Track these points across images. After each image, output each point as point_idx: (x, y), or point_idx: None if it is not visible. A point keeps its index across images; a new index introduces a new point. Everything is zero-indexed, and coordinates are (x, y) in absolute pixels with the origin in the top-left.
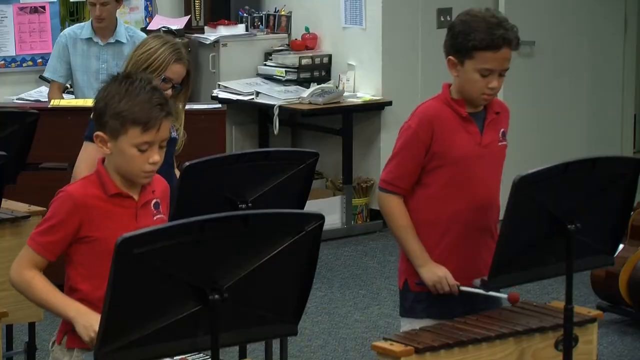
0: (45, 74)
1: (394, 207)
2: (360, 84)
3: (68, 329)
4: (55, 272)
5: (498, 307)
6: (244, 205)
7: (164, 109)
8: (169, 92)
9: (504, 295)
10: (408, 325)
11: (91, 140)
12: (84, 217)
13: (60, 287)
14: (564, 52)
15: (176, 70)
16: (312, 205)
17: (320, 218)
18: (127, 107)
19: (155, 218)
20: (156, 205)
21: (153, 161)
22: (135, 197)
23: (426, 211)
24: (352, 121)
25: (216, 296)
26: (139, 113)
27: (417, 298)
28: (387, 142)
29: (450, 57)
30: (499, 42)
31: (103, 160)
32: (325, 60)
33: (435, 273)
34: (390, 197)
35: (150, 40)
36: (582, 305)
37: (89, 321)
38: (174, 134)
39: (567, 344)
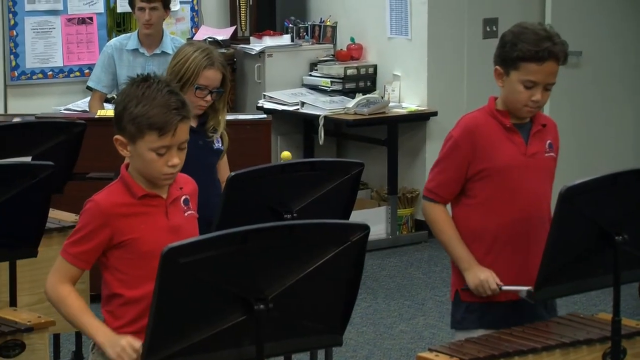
0: (89, 84)
1: (437, 214)
2: (405, 95)
3: None
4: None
5: (550, 319)
6: (289, 216)
7: (181, 112)
8: (209, 98)
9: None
10: (460, 336)
11: None
12: (114, 225)
13: (98, 296)
14: (610, 62)
15: (209, 76)
16: (357, 216)
17: (365, 228)
18: (144, 112)
19: (186, 214)
20: (186, 201)
21: (172, 164)
22: (163, 195)
23: (473, 222)
24: (397, 131)
25: (261, 306)
26: (155, 118)
27: (468, 309)
28: (433, 152)
29: (497, 67)
30: (544, 54)
31: (127, 166)
32: (371, 70)
33: (478, 276)
34: (433, 206)
35: (182, 49)
36: (630, 317)
37: (117, 347)
38: (218, 145)
39: (615, 357)
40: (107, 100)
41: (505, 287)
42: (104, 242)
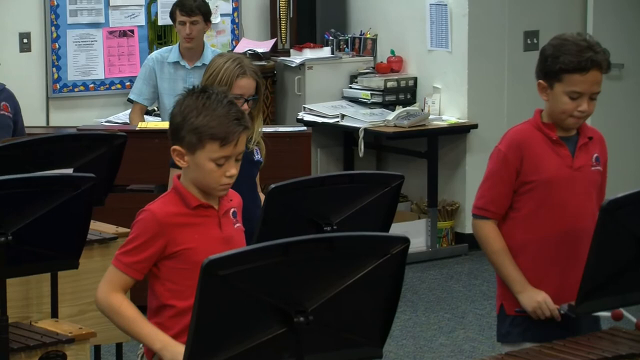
0: (130, 96)
1: (489, 232)
2: (445, 107)
3: None
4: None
5: (592, 332)
6: (328, 228)
7: (242, 123)
8: (245, 107)
9: (607, 314)
10: (505, 350)
11: (175, 166)
12: (168, 235)
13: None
14: None
15: (243, 85)
16: (397, 228)
17: (405, 241)
18: (205, 122)
19: (235, 226)
20: (234, 214)
21: (230, 174)
22: (216, 206)
23: (516, 235)
24: (437, 144)
25: (301, 319)
26: (217, 128)
27: (513, 322)
28: (473, 165)
29: (540, 81)
30: (587, 64)
31: (179, 176)
32: (411, 83)
33: (535, 299)
34: (484, 223)
35: (213, 61)
36: None
37: (177, 354)
38: (257, 157)
39: None
40: (148, 113)
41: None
42: (158, 251)
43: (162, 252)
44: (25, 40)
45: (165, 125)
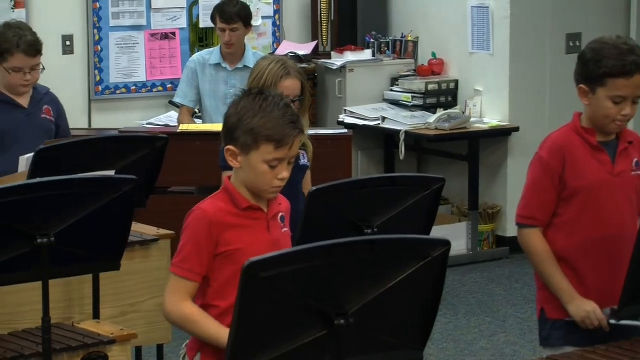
0: (176, 99)
1: (535, 241)
2: (487, 110)
3: (201, 346)
4: None
5: (636, 337)
6: (369, 231)
7: (297, 126)
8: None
9: None
10: (547, 354)
11: (226, 169)
12: (219, 232)
13: None
14: None
15: (287, 86)
16: (437, 231)
17: (446, 244)
18: (261, 124)
19: (283, 231)
20: (282, 218)
21: (282, 177)
22: (265, 209)
23: (558, 241)
24: (478, 147)
25: (342, 321)
26: (272, 130)
27: (554, 326)
28: (514, 168)
29: (581, 85)
30: (632, 68)
31: (229, 177)
32: (452, 85)
33: (583, 308)
34: (529, 232)
35: (258, 64)
36: None
37: None
38: (304, 161)
39: None
40: (193, 115)
41: (613, 321)
42: (212, 250)
43: (215, 250)
44: (68, 43)
45: (206, 127)
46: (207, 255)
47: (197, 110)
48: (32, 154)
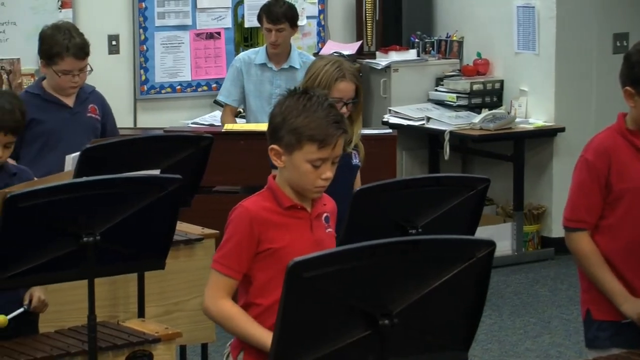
0: (219, 98)
1: (584, 245)
2: (532, 110)
3: (245, 345)
4: None
5: None
6: (414, 231)
7: (341, 126)
8: (344, 110)
9: None
10: (593, 355)
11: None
12: (261, 230)
13: None
14: None
15: (342, 88)
16: (482, 232)
17: (491, 244)
18: (305, 123)
19: (327, 231)
20: (327, 219)
21: (325, 177)
22: (309, 208)
23: (602, 243)
24: (523, 147)
25: (386, 321)
26: (316, 130)
27: (600, 327)
28: (560, 168)
29: (627, 87)
30: None
31: (273, 176)
32: (497, 85)
33: (639, 307)
34: (578, 236)
35: (313, 64)
36: None
37: None
38: (355, 162)
39: None
40: (238, 115)
41: None
42: (254, 248)
43: (257, 248)
44: (113, 43)
45: (250, 127)
46: (248, 253)
47: (241, 110)
48: (78, 153)
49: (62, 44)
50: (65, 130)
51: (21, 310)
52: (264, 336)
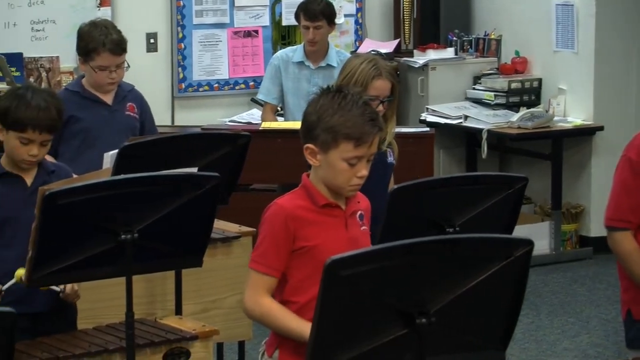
0: (259, 96)
1: (627, 244)
2: (570, 109)
3: (280, 342)
4: None
5: None
6: (451, 230)
7: (376, 124)
8: (380, 108)
9: None
10: (634, 355)
11: None
12: (297, 228)
13: None
14: None
15: (378, 86)
16: (520, 231)
17: (529, 243)
18: (341, 122)
19: (362, 229)
20: (361, 216)
21: (361, 175)
22: (343, 206)
23: None
24: (562, 146)
25: (423, 320)
26: (352, 128)
27: None
28: (599, 167)
29: None
30: None
31: (307, 175)
32: (535, 84)
33: None
34: (621, 235)
35: (349, 62)
36: None
37: None
38: (390, 159)
39: None
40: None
41: None
42: (290, 245)
43: (292, 245)
44: (152, 41)
45: (288, 125)
46: (285, 250)
47: (279, 108)
48: (116, 151)
49: (98, 40)
50: (104, 128)
51: (56, 290)
52: (305, 329)
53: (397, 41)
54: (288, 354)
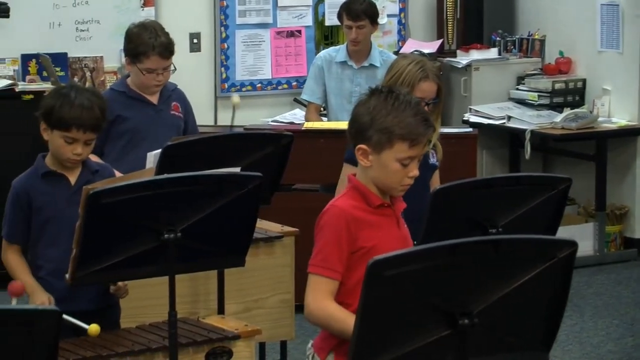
0: (303, 96)
1: None
2: (615, 109)
3: (334, 346)
4: None
5: None
6: (494, 230)
7: (429, 124)
8: (425, 109)
9: None
10: None
11: (351, 162)
12: (357, 229)
13: (300, 307)
14: None
15: (424, 89)
16: (563, 232)
17: (573, 245)
18: (395, 123)
19: (406, 226)
20: (402, 215)
21: (412, 175)
22: (392, 206)
23: None
24: (606, 147)
25: (466, 321)
26: (407, 129)
27: None
28: None
29: None
30: None
31: (354, 175)
32: (580, 84)
33: None
34: None
35: (396, 63)
36: None
37: None
38: (433, 161)
39: None
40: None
41: None
42: (351, 247)
43: (352, 247)
44: (195, 41)
45: (331, 125)
46: (346, 252)
47: (322, 108)
48: (159, 151)
49: (147, 43)
50: (150, 128)
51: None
52: None
53: (440, 41)
54: (343, 358)
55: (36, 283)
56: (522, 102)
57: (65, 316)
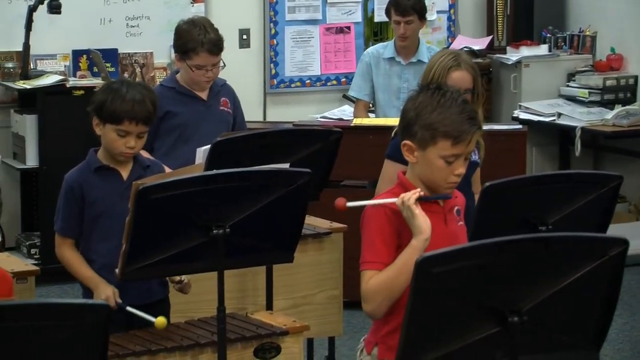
0: (351, 93)
1: None
2: None
3: (379, 339)
4: None
5: None
6: (544, 228)
7: (475, 122)
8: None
9: None
10: None
11: (392, 158)
12: (400, 225)
13: (349, 303)
14: None
15: (456, 77)
16: (613, 230)
17: (624, 243)
18: (440, 119)
19: (459, 224)
20: (458, 212)
21: (458, 173)
22: (441, 202)
23: None
24: None
25: (515, 319)
26: (451, 126)
27: None
28: None
29: None
30: None
31: (404, 172)
32: (631, 81)
33: None
34: None
35: (434, 55)
36: None
37: None
38: (474, 157)
39: None
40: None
41: None
42: (396, 240)
43: (398, 242)
44: (244, 37)
45: (379, 121)
46: (393, 245)
47: (371, 105)
48: (208, 146)
49: (197, 40)
50: (200, 123)
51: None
52: None
53: (490, 38)
54: (387, 351)
55: (98, 276)
56: (572, 99)
57: (129, 308)
